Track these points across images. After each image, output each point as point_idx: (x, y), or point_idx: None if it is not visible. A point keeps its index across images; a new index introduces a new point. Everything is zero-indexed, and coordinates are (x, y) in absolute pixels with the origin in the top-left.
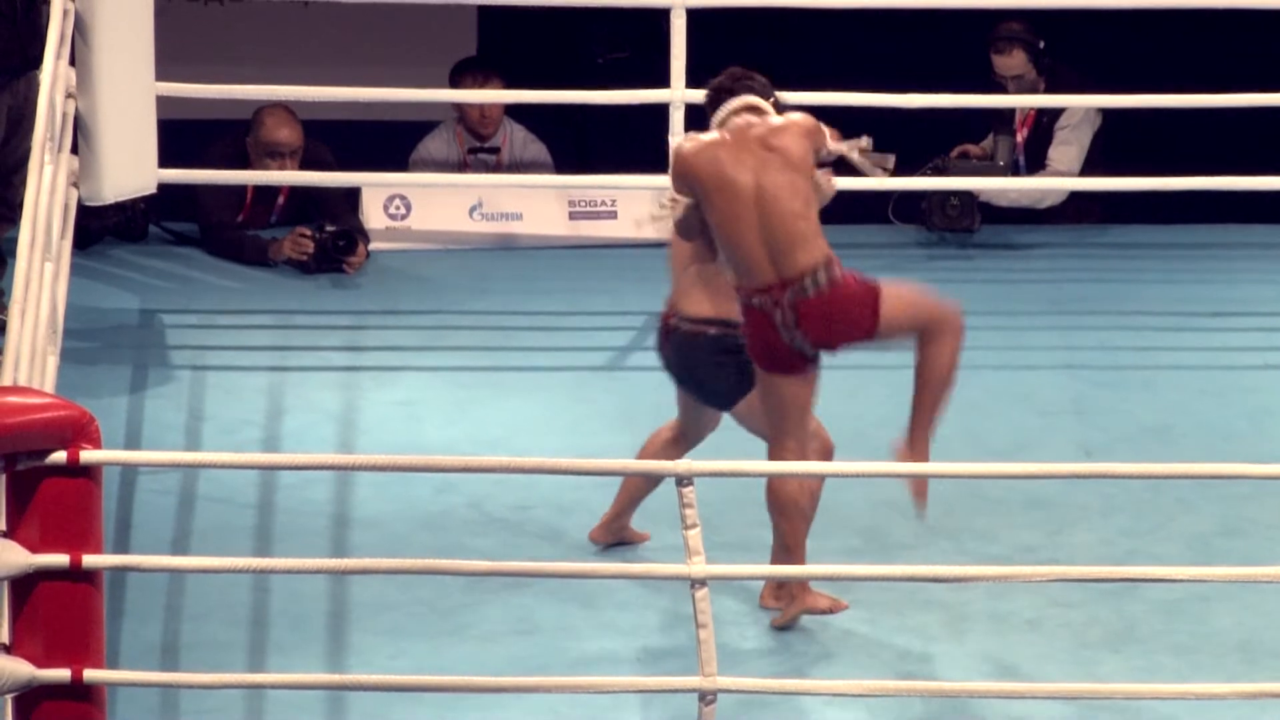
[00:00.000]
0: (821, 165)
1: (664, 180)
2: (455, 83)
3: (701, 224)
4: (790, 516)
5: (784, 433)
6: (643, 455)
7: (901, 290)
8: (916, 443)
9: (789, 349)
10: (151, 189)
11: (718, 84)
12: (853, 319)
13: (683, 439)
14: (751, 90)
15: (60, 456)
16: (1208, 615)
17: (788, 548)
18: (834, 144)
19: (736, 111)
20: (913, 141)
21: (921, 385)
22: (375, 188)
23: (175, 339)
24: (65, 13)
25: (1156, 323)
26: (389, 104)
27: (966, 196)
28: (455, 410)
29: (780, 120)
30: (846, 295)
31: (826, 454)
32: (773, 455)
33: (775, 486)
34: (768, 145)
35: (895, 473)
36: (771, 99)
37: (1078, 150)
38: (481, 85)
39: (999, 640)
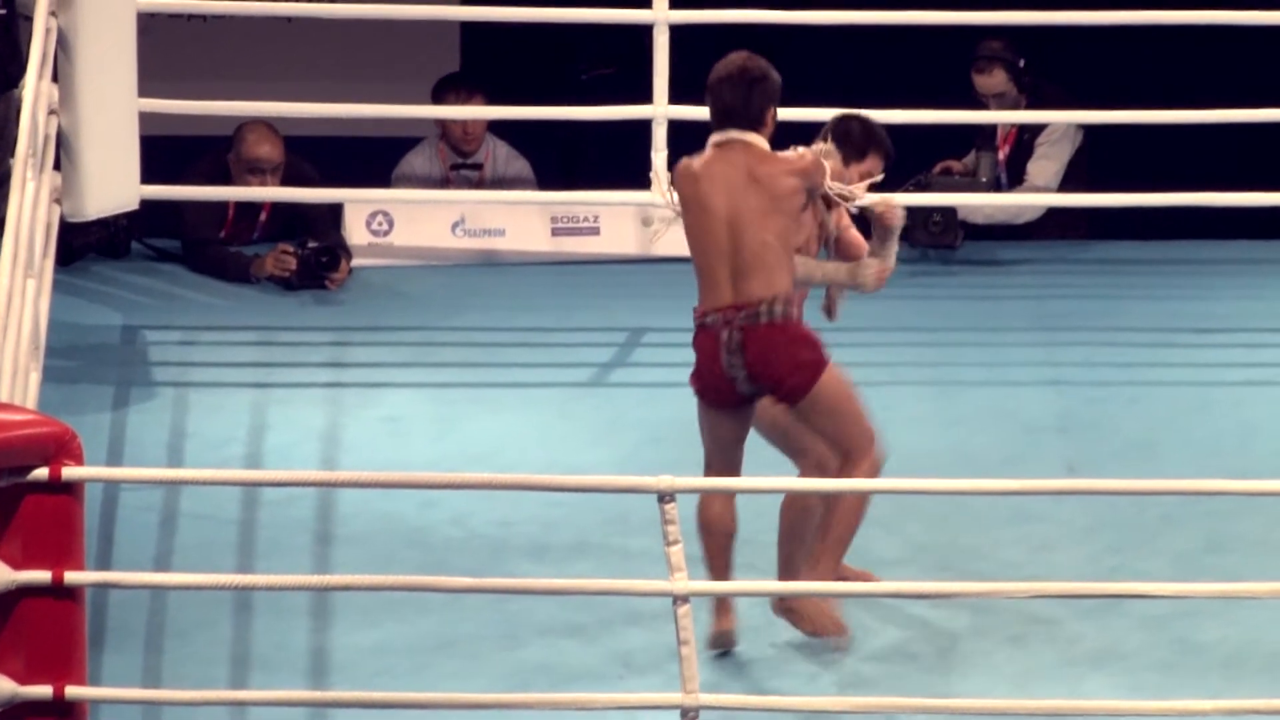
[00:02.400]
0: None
1: (647, 196)
2: (438, 99)
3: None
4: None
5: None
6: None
7: (848, 389)
8: (818, 573)
9: (723, 376)
10: (134, 205)
11: (727, 100)
12: (792, 365)
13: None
14: (742, 125)
15: (42, 473)
16: (1192, 631)
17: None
18: (833, 185)
19: (725, 142)
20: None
21: (826, 521)
22: (358, 204)
23: (158, 355)
24: (48, 31)
25: (1141, 339)
26: (372, 120)
27: (949, 213)
28: (439, 426)
29: (771, 154)
30: (795, 339)
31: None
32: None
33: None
34: (753, 174)
35: (887, 489)
36: (771, 113)
37: (1057, 166)
38: (464, 101)
39: (983, 657)
